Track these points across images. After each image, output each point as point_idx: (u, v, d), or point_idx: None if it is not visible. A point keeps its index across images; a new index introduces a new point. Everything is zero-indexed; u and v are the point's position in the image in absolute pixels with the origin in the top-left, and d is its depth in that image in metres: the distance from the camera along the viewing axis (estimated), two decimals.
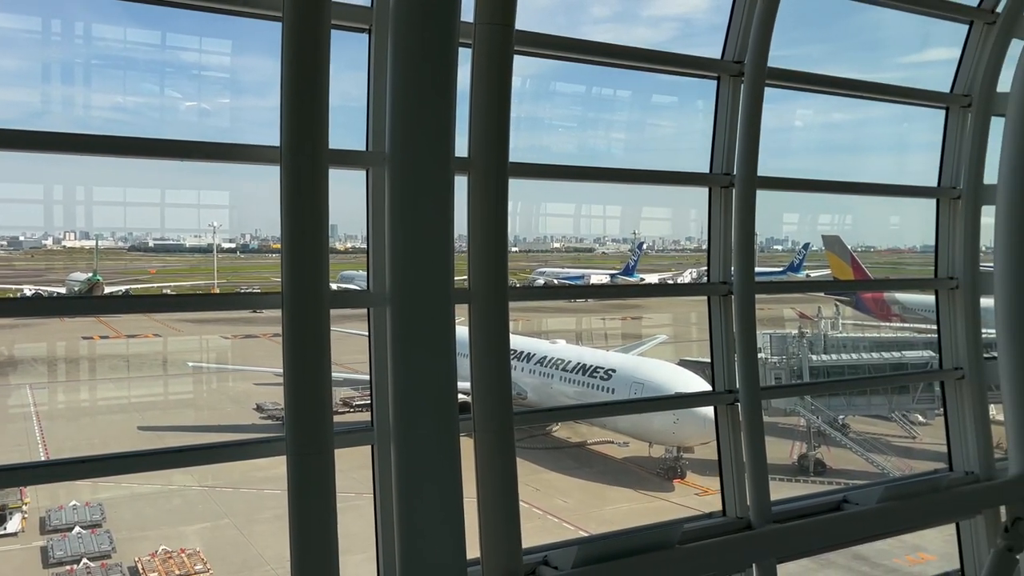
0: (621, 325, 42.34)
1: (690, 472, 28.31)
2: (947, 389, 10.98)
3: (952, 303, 10.89)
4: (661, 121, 36.61)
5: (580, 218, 42.25)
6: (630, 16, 38.46)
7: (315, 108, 6.47)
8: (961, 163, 10.73)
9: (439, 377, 6.73)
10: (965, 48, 10.68)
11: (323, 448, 6.56)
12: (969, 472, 10.65)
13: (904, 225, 43.11)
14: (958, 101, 10.69)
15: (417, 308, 6.72)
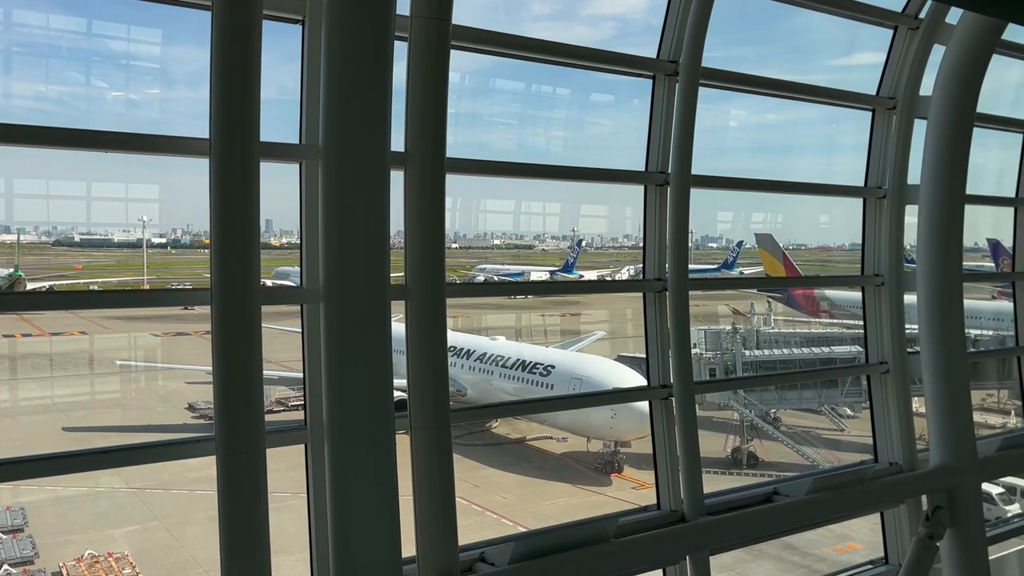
0: (560, 322, 42.61)
1: (627, 466, 28.67)
2: (873, 383, 11.33)
3: (877, 300, 11.23)
4: (600, 119, 36.92)
5: (520, 215, 42.31)
6: (569, 14, 38.68)
7: (246, 100, 6.32)
8: (886, 164, 11.07)
9: (374, 374, 6.65)
10: (890, 53, 11.02)
11: (254, 447, 6.43)
12: (893, 463, 11.01)
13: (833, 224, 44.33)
14: (883, 104, 11.01)
15: (351, 304, 6.62)
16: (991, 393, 31.47)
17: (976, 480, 10.99)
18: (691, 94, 9.10)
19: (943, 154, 10.65)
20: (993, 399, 31.78)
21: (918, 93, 10.89)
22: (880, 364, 11.11)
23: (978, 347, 22.91)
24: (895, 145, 10.93)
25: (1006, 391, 29.93)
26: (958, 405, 10.80)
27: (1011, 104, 13.40)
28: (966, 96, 10.63)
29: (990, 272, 27.05)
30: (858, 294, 11.74)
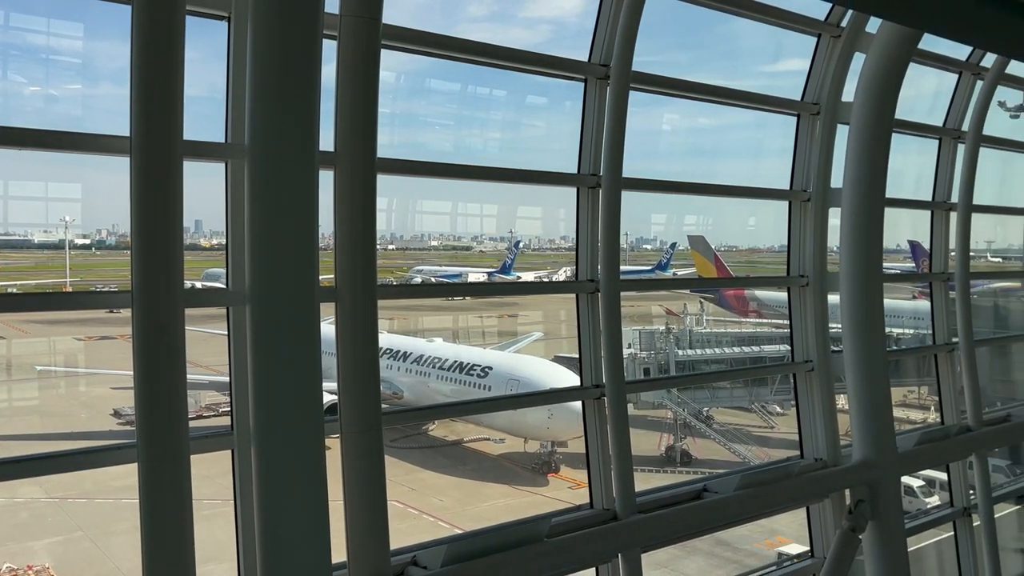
0: (498, 323, 42.66)
1: (564, 466, 28.85)
2: (798, 381, 11.63)
3: (803, 300, 11.54)
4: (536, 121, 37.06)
5: (457, 216, 42.17)
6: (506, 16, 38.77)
7: (168, 96, 6.15)
8: (811, 168, 11.38)
9: (302, 377, 6.54)
10: (814, 60, 11.34)
11: (177, 454, 6.25)
12: (818, 459, 11.32)
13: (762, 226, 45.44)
14: (808, 109, 11.33)
15: (279, 307, 6.50)
16: (912, 390, 32.65)
17: (896, 474, 11.39)
18: (622, 97, 9.21)
19: (864, 158, 11.01)
20: (914, 395, 32.97)
21: (840, 99, 11.23)
22: (805, 363, 11.42)
23: (899, 346, 23.74)
24: (819, 149, 11.26)
25: (926, 388, 31.10)
26: (879, 402, 11.18)
27: (928, 111, 13.96)
28: (885, 102, 11.01)
29: (909, 273, 28.06)
30: (785, 295, 12.04)
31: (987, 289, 27.58)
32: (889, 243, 30.69)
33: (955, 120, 13.49)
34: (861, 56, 11.18)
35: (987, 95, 13.28)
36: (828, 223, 11.48)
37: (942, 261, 13.73)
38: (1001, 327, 25.69)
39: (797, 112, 11.42)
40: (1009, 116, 18.56)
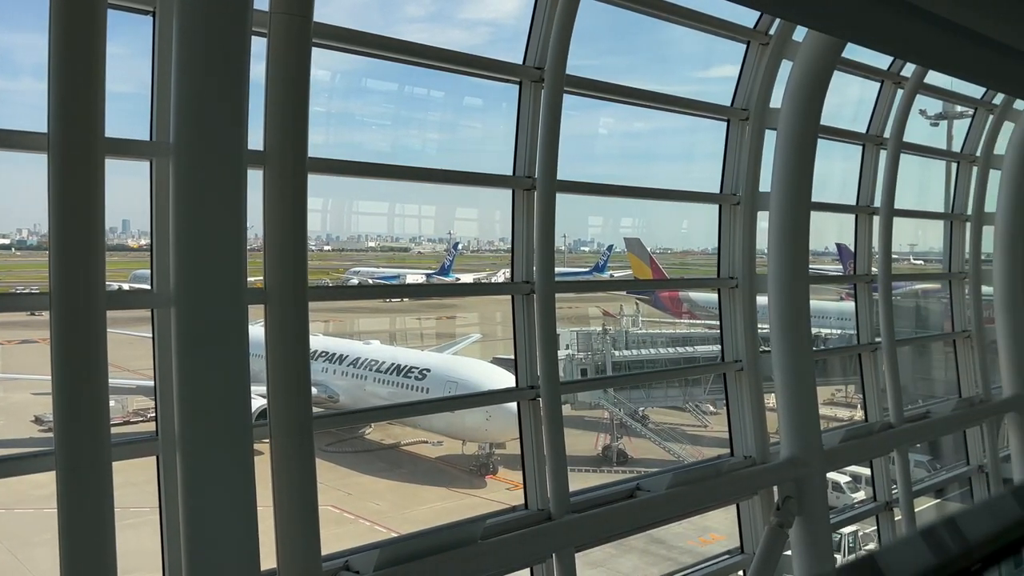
0: (436, 325, 42.45)
1: (502, 467, 28.87)
2: (728, 381, 11.88)
3: (732, 301, 11.79)
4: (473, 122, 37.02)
5: (395, 217, 41.80)
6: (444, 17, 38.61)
7: (89, 92, 5.95)
8: (740, 172, 11.64)
9: (230, 381, 6.41)
10: (743, 66, 11.61)
11: (98, 461, 6.06)
12: (748, 456, 11.58)
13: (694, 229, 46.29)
14: (737, 115, 11.59)
15: (205, 308, 6.36)
16: (840, 388, 33.64)
17: (821, 471, 11.73)
18: (556, 100, 9.28)
19: (790, 163, 11.32)
20: (842, 394, 33.97)
21: (768, 105, 11.52)
22: (735, 362, 11.67)
23: (826, 346, 24.43)
24: (748, 154, 11.52)
25: (852, 386, 32.08)
26: (805, 401, 11.51)
27: (852, 118, 14.41)
28: (811, 109, 11.34)
29: (834, 275, 28.93)
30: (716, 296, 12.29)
31: (909, 290, 28.64)
32: (818, 246, 31.62)
33: (877, 127, 13.96)
34: (789, 63, 11.50)
35: (907, 103, 13.78)
36: (757, 226, 11.75)
37: (866, 263, 14.19)
38: (922, 327, 26.70)
39: (727, 117, 11.67)
40: (929, 124, 19.31)
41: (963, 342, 16.35)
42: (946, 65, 9.52)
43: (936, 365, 20.83)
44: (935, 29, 6.92)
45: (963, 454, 16.52)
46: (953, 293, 16.66)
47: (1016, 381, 16.20)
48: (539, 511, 9.27)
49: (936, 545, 1.59)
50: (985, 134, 16.17)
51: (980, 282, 16.26)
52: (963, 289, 16.52)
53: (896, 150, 13.78)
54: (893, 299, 14.52)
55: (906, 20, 6.76)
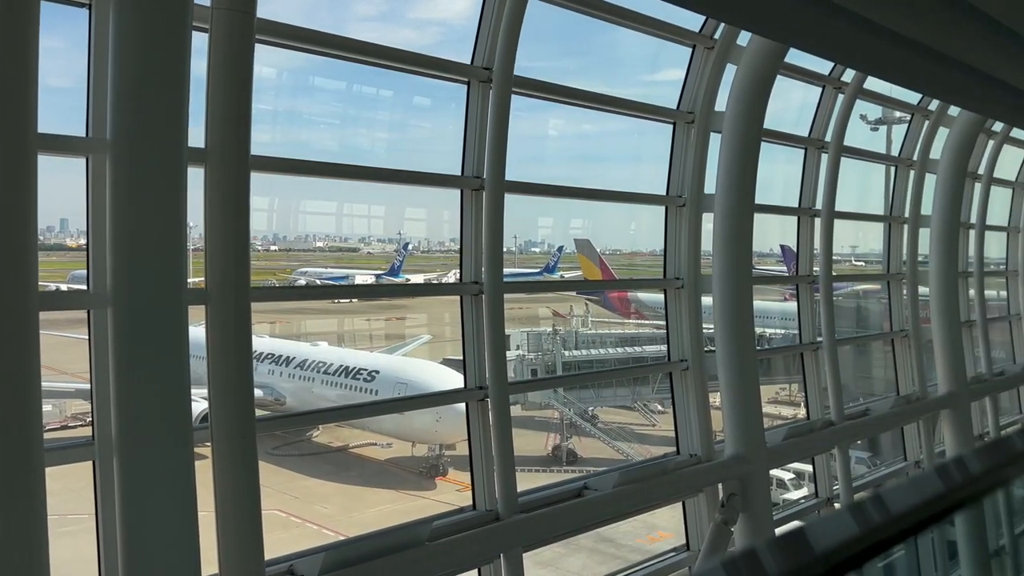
0: (385, 326, 42.09)
1: (452, 469, 28.76)
2: (674, 380, 12.02)
3: (678, 301, 11.94)
4: (423, 122, 36.82)
5: (343, 217, 41.32)
6: (395, 17, 38.33)
7: (20, 87, 5.75)
8: (686, 174, 11.80)
9: (169, 383, 6.27)
10: (689, 70, 11.77)
11: (30, 466, 5.85)
12: (693, 455, 11.73)
13: (642, 230, 46.82)
14: (683, 118, 11.74)
15: (143, 309, 6.21)
16: (784, 387, 34.30)
17: (764, 468, 11.95)
18: (504, 101, 9.28)
19: (734, 166, 11.51)
20: (785, 393, 34.64)
21: (713, 108, 11.70)
22: (681, 362, 11.82)
23: (770, 345, 24.89)
24: (693, 157, 11.68)
25: (796, 385, 32.73)
26: (749, 399, 11.71)
27: (794, 122, 14.71)
28: (754, 113, 11.55)
29: (776, 275, 29.51)
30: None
31: (850, 291, 29.35)
32: (763, 247, 32.17)
33: (819, 131, 14.28)
34: (733, 67, 11.69)
35: (847, 108, 14.12)
36: (702, 228, 11.93)
37: (808, 264, 14.49)
38: (863, 327, 27.37)
39: (673, 120, 11.81)
40: (870, 129, 19.83)
41: (901, 341, 16.81)
42: (883, 71, 9.77)
43: (876, 364, 21.38)
44: (873, 36, 7.10)
45: (901, 450, 16.99)
46: (892, 294, 17.11)
47: (951, 379, 16.72)
48: (487, 512, 9.26)
49: (862, 518, 1.68)
50: (921, 139, 16.66)
51: (917, 283, 16.74)
52: (901, 290, 16.99)
53: (836, 154, 14.11)
54: (835, 299, 14.87)
55: (845, 26, 6.92)
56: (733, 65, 11.66)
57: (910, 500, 1.75)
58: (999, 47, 7.73)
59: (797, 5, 6.08)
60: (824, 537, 1.61)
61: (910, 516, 1.74)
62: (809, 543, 1.60)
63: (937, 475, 1.92)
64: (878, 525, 1.66)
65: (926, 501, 1.75)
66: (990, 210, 19.64)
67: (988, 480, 1.95)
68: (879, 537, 1.67)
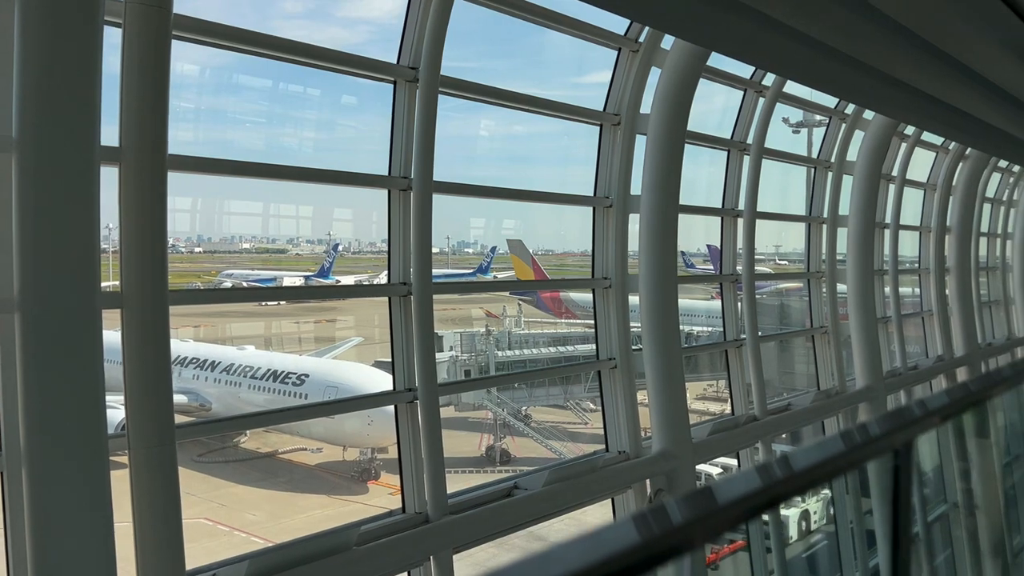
0: (314, 328, 41.45)
1: (385, 472, 28.50)
2: (603, 378, 12.17)
3: (606, 301, 12.08)
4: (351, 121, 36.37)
5: (270, 218, 40.51)
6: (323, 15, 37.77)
7: None
8: (612, 175, 11.94)
9: (81, 390, 6.04)
10: (615, 72, 11.92)
11: None
12: (622, 451, 11.89)
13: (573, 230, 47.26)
14: (609, 119, 11.88)
15: (53, 313, 5.97)
16: (712, 384, 35.06)
17: (691, 463, 12.18)
18: (431, 101, 9.24)
19: (660, 167, 11.71)
20: (713, 389, 35.42)
21: (639, 111, 11.87)
22: (609, 360, 11.97)
23: (698, 343, 25.40)
24: (619, 158, 11.83)
25: (723, 381, 33.46)
26: (675, 396, 11.93)
27: (718, 125, 15.06)
28: (678, 115, 11.77)
29: (701, 274, 30.19)
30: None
31: (774, 290, 30.20)
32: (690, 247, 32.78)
33: (741, 134, 14.64)
34: (658, 71, 11.88)
35: (768, 111, 14.51)
36: (629, 228, 12.09)
37: (731, 264, 14.84)
38: (786, 324, 28.19)
39: (600, 122, 11.95)
40: (792, 131, 20.43)
41: (821, 337, 17.36)
42: (801, 75, 10.07)
43: (799, 359, 22.02)
44: (790, 42, 7.32)
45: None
46: (812, 291, 17.66)
47: (868, 373, 17.36)
48: (417, 514, 9.21)
49: (766, 475, 1.81)
50: (838, 142, 17.24)
51: (835, 281, 17.31)
52: (821, 288, 17.55)
53: (758, 156, 14.48)
54: (759, 298, 15.26)
55: (763, 32, 7.10)
56: (658, 68, 11.85)
57: (811, 458, 1.89)
58: (908, 53, 8.05)
59: (710, 8, 6.22)
60: (728, 490, 1.72)
61: (809, 472, 1.87)
62: (714, 496, 1.70)
63: (840, 439, 2.07)
64: (779, 479, 1.79)
65: (825, 459, 1.89)
66: (903, 210, 20.47)
67: (885, 442, 2.11)
68: (780, 491, 1.80)
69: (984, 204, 25.43)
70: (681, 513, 1.58)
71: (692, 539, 1.55)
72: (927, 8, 7.11)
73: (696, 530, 1.57)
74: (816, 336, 17.43)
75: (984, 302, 26.22)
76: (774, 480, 1.78)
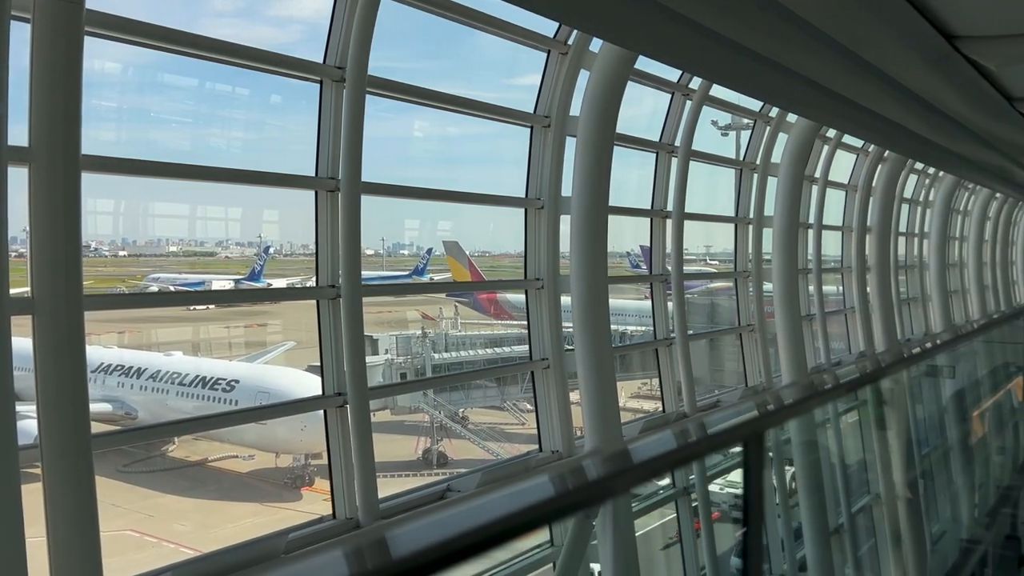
0: (245, 333, 40.53)
1: (319, 478, 28.07)
2: (536, 378, 12.22)
3: (539, 302, 12.14)
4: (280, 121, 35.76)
5: (197, 220, 39.48)
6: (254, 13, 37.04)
7: None
8: (543, 177, 12.01)
9: None
10: (544, 75, 11.99)
11: None
12: (555, 451, 11.96)
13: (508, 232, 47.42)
14: (540, 121, 11.94)
15: None
16: (646, 382, 35.56)
17: None
18: (358, 101, 9.14)
19: (589, 169, 11.82)
20: (647, 387, 35.92)
21: (569, 113, 11.96)
22: (542, 360, 12.03)
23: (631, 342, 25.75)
24: (550, 160, 11.90)
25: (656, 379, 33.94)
26: (606, 395, 12.05)
27: (646, 127, 15.27)
28: (607, 117, 11.90)
29: (631, 275, 30.61)
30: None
31: (704, 289, 30.80)
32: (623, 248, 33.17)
33: (669, 136, 14.88)
34: (587, 73, 11.99)
35: (694, 114, 14.78)
36: (560, 229, 12.17)
37: (661, 264, 15.07)
38: (716, 322, 28.78)
39: (530, 124, 12.00)
40: (720, 134, 20.85)
41: (748, 335, 17.78)
42: (725, 79, 10.27)
43: (729, 357, 22.50)
44: (716, 45, 7.45)
45: None
46: (739, 291, 18.06)
47: (793, 369, 17.84)
48: (347, 520, 9.09)
49: (681, 437, 1.94)
50: (763, 144, 17.68)
51: (761, 280, 17.75)
52: (748, 287, 17.96)
53: (685, 158, 14.74)
54: (690, 297, 15.54)
55: (689, 36, 7.22)
56: (587, 71, 11.96)
57: (654, 450, 2.04)
58: (830, 59, 8.29)
59: (635, 11, 6.30)
60: (644, 451, 1.90)
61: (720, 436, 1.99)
62: (629, 455, 1.87)
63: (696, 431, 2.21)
64: (625, 468, 1.91)
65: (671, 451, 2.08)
66: (826, 211, 21.11)
67: (735, 434, 2.28)
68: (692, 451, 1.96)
69: (902, 205, 26.43)
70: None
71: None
72: (847, 16, 7.34)
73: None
74: (744, 334, 17.84)
75: (903, 299, 27.24)
76: (618, 469, 1.86)
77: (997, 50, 7.38)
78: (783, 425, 4.81)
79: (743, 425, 2.17)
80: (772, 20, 7.13)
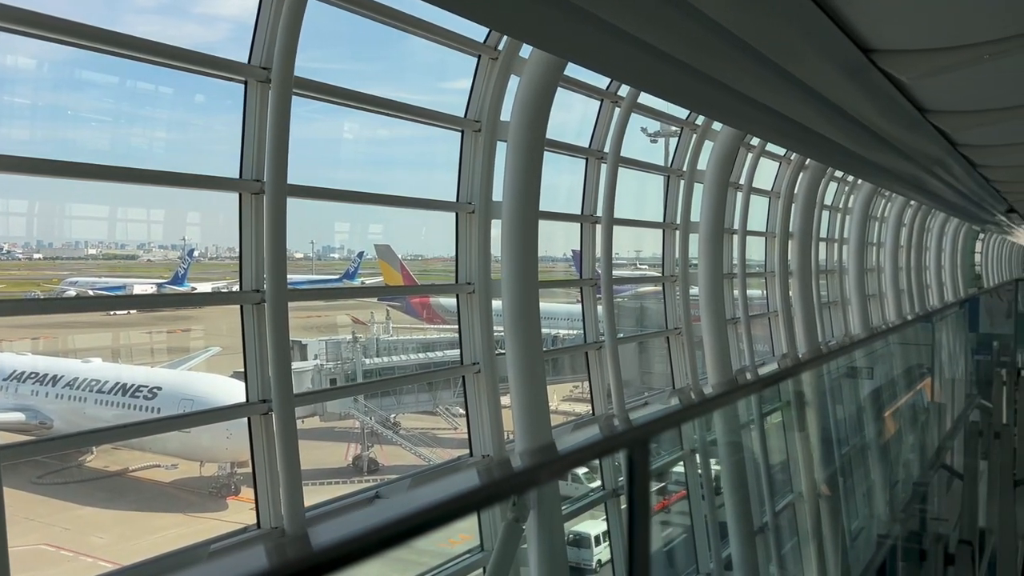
0: (168, 339, 39.36)
1: (245, 487, 27.42)
2: (467, 383, 12.20)
3: (470, 306, 12.13)
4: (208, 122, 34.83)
5: (117, 222, 38.17)
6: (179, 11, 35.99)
7: None
8: (475, 181, 12.01)
9: None
10: (475, 79, 11.99)
11: None
12: (485, 455, 11.95)
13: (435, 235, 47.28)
14: (471, 126, 11.94)
15: None
16: (577, 385, 35.86)
17: None
18: (284, 102, 8.97)
19: (520, 174, 11.86)
20: (579, 390, 36.24)
21: (499, 117, 11.98)
22: (473, 365, 12.01)
23: (563, 345, 25.94)
24: (481, 164, 11.91)
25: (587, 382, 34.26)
26: (536, 398, 12.09)
27: (577, 133, 15.44)
28: (537, 123, 11.96)
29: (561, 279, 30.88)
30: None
31: (634, 293, 31.26)
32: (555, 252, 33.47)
33: (599, 142, 15.06)
34: (516, 79, 12.03)
35: (623, 121, 15.00)
36: (492, 233, 12.18)
37: (591, 268, 15.23)
38: (645, 326, 29.23)
39: (461, 128, 11.98)
40: (650, 141, 21.18)
41: (675, 338, 18.10)
42: (652, 87, 10.43)
43: (658, 360, 22.87)
44: (641, 53, 7.56)
45: (678, 440, 18.25)
46: (667, 294, 18.38)
47: (718, 371, 18.23)
48: (272, 529, 8.91)
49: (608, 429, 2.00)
50: (690, 151, 18.04)
51: (688, 284, 18.10)
52: (675, 290, 18.29)
53: (614, 164, 14.93)
54: (621, 301, 15.73)
55: (615, 43, 7.31)
56: (517, 76, 12.01)
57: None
58: (753, 69, 8.50)
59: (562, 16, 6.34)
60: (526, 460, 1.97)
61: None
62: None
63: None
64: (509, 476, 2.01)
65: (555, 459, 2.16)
66: (750, 217, 21.67)
67: (617, 441, 2.43)
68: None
69: (823, 211, 27.32)
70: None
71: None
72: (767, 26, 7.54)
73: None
74: (671, 337, 18.16)
75: (824, 303, 28.15)
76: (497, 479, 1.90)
77: (911, 64, 7.67)
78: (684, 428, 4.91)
79: (626, 432, 2.20)
80: (693, 28, 7.28)
